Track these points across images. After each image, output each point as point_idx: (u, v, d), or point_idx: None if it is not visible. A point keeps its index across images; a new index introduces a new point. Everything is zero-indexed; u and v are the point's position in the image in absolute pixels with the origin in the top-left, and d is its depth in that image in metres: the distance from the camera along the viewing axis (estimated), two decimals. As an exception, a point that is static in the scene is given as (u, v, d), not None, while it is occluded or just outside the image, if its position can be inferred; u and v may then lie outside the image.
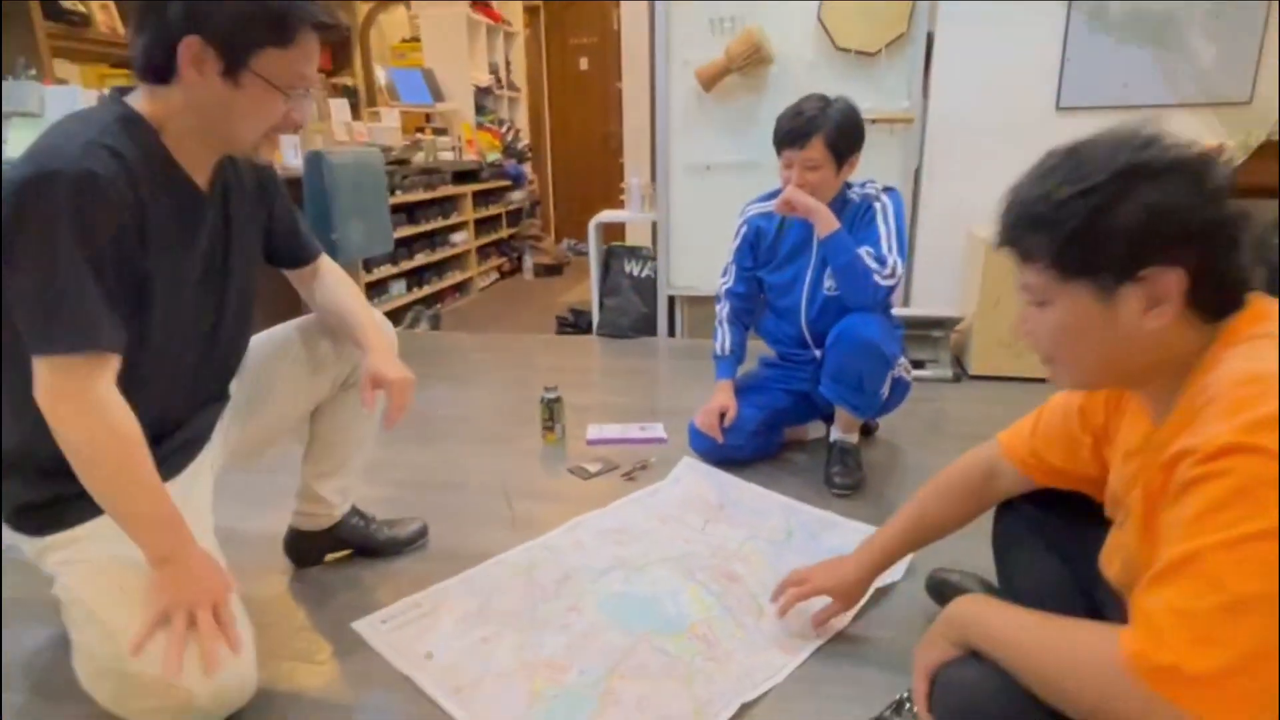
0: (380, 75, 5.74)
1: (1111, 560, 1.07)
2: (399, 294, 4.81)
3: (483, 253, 6.03)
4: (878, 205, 2.16)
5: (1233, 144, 2.67)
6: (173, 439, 1.40)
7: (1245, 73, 3.09)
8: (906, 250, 2.28)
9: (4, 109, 3.18)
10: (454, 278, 5.50)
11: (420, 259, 5.02)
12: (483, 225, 5.99)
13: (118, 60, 4.66)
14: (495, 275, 6.28)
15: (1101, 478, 1.15)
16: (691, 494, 2.16)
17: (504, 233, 6.44)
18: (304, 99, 1.27)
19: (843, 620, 1.59)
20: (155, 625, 1.21)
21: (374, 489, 2.10)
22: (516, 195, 6.60)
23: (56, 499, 1.26)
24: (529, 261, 6.49)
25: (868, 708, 1.35)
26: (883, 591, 1.68)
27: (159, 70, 1.19)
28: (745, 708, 1.38)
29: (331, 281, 1.61)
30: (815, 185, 2.10)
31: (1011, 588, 1.40)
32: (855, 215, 2.17)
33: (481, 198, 5.92)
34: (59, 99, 3.26)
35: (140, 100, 1.24)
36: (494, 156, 6.11)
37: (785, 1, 3.41)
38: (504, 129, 6.46)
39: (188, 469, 1.42)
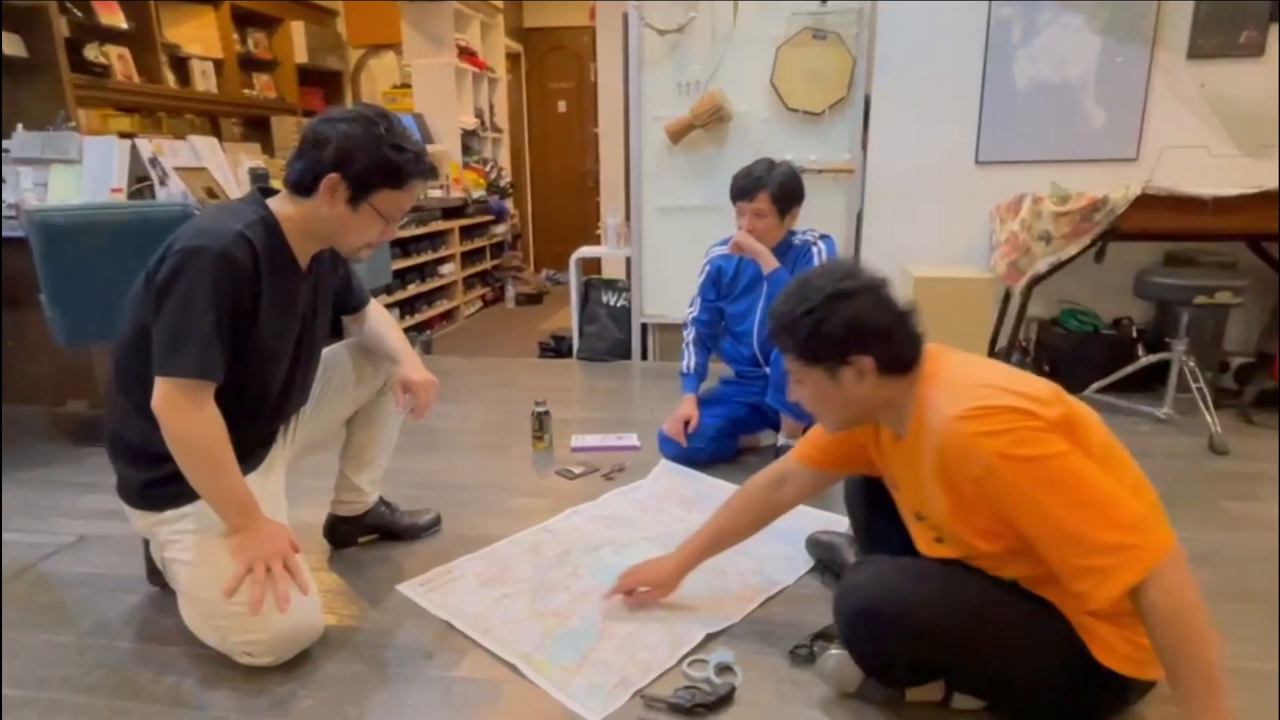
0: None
1: (906, 506, 1.51)
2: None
3: (468, 283, 6.37)
4: (815, 249, 2.58)
5: (1116, 195, 3.11)
6: (260, 438, 1.77)
7: (1131, 135, 3.58)
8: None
9: (46, 156, 3.51)
10: (442, 306, 5.84)
11: (413, 289, 5.36)
12: (468, 257, 6.34)
13: (128, 105, 5.01)
14: (479, 304, 6.61)
15: (862, 461, 1.61)
16: (669, 489, 2.57)
17: (488, 264, 6.80)
18: (397, 224, 1.67)
19: (778, 583, 1.99)
20: (242, 575, 1.57)
21: (391, 490, 2.44)
22: (499, 229, 6.96)
23: (170, 480, 1.62)
24: (511, 291, 6.83)
25: (795, 639, 1.73)
26: (817, 567, 2.08)
27: (304, 188, 1.57)
28: (709, 637, 1.76)
29: (375, 314, 1.99)
30: (762, 231, 2.53)
31: (857, 523, 1.84)
32: (797, 256, 2.60)
33: (467, 232, 6.29)
34: (95, 148, 3.60)
35: (280, 201, 1.62)
36: (479, 194, 6.48)
37: (742, 68, 3.85)
38: (488, 168, 6.84)
39: (265, 461, 1.79)
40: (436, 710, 1.56)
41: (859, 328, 1.32)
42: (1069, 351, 3.63)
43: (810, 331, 1.33)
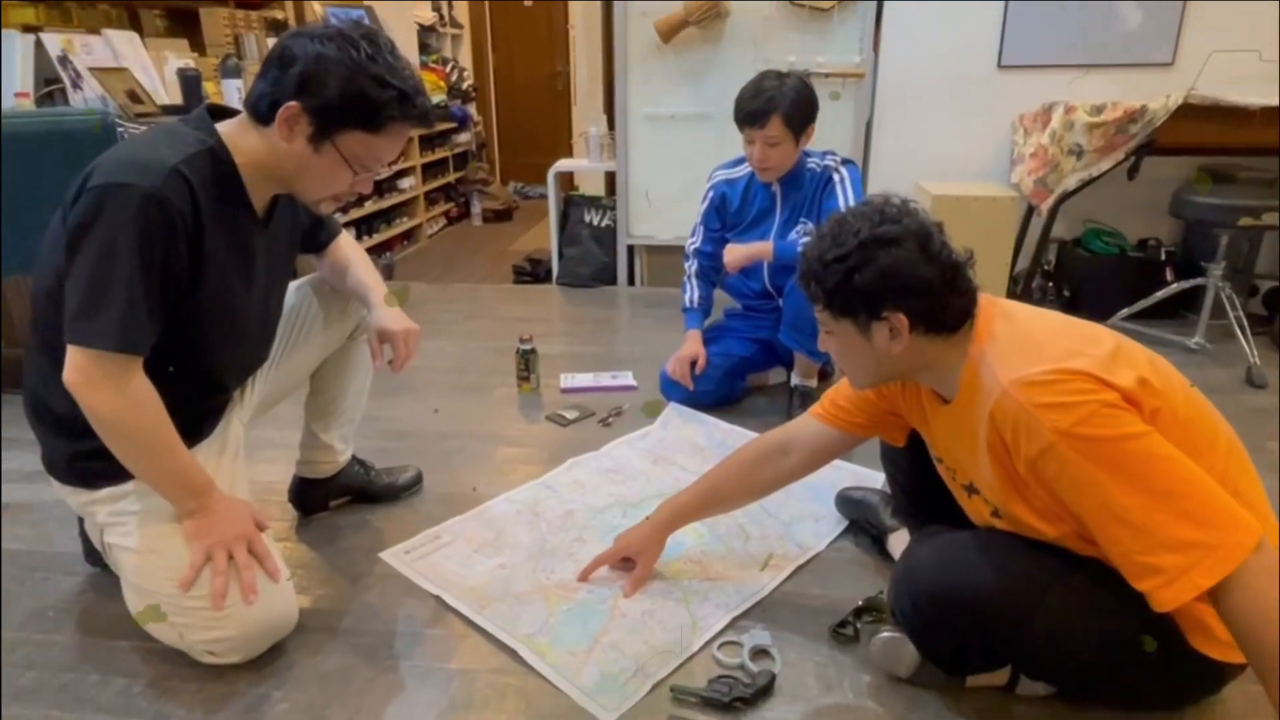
0: (317, 9, 5.65)
1: (952, 478, 1.42)
2: (350, 242, 4.83)
3: (430, 198, 6.04)
4: (836, 178, 2.37)
5: (1155, 105, 2.93)
6: (211, 406, 1.57)
7: (1168, 37, 3.36)
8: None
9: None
10: (402, 225, 5.53)
11: (370, 206, 5.05)
12: (429, 170, 6.00)
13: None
14: (443, 222, 6.30)
15: (893, 424, 1.53)
16: (680, 437, 2.40)
17: (450, 177, 6.46)
18: (371, 176, 1.42)
19: (809, 549, 1.85)
20: (199, 564, 1.39)
21: (363, 441, 2.24)
22: (462, 138, 6.59)
23: (105, 452, 1.40)
24: (477, 207, 6.51)
25: (834, 615, 1.61)
26: (850, 528, 1.94)
27: (261, 115, 1.33)
28: (734, 620, 1.62)
29: (345, 246, 1.76)
30: (776, 160, 2.33)
31: (898, 487, 1.73)
32: (815, 186, 2.39)
33: (427, 141, 5.93)
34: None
35: (235, 127, 1.37)
36: (439, 98, 6.09)
37: (742, -46, 3.54)
38: (448, 69, 6.43)
39: (218, 427, 1.58)
40: (432, 710, 1.41)
41: (895, 280, 1.19)
42: (1092, 276, 3.50)
43: (840, 280, 1.21)
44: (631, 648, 1.53)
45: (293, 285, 1.78)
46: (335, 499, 2.02)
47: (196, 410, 1.54)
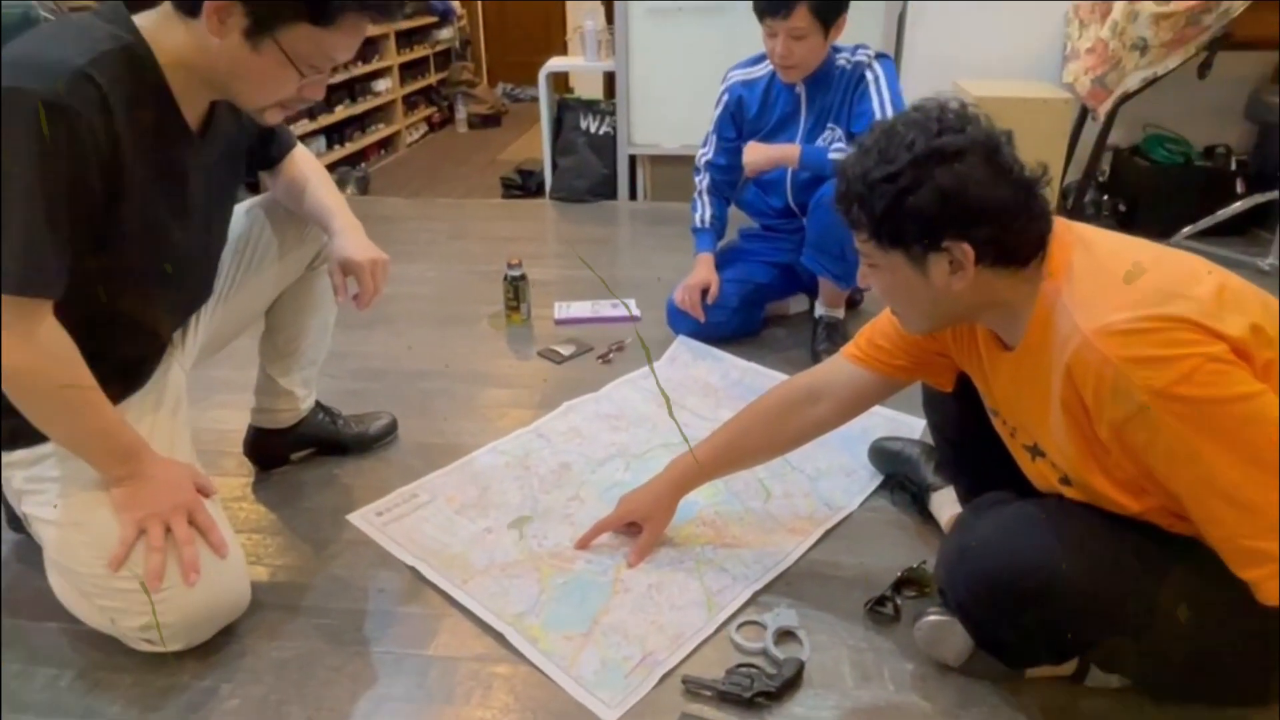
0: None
1: (1013, 436, 1.28)
2: (319, 153, 4.63)
3: (409, 102, 5.79)
4: (870, 76, 2.15)
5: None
6: (143, 353, 1.41)
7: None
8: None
9: None
10: (379, 132, 5.30)
11: (341, 112, 4.81)
12: (408, 70, 5.72)
13: None
14: (424, 128, 6.07)
15: (941, 370, 1.39)
16: (690, 376, 2.25)
17: (432, 78, 6.18)
18: (323, 79, 1.24)
19: (840, 509, 1.71)
20: (130, 540, 1.25)
21: (331, 381, 2.10)
22: (444, 34, 6.30)
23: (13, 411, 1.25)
24: (462, 111, 6.26)
25: (870, 589, 1.48)
26: (886, 483, 1.80)
27: (185, 4, 1.15)
28: (755, 595, 1.49)
29: (301, 163, 1.58)
30: (802, 55, 2.11)
31: (942, 438, 1.59)
32: (845, 86, 2.18)
33: (405, 38, 5.64)
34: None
35: (156, 20, 1.18)
36: (416, -12, 5.79)
37: None
38: (426, -46, 6.09)
39: (154, 376, 1.42)
40: (405, 707, 1.28)
41: (958, 202, 1.05)
42: (1153, 187, 3.31)
43: (891, 204, 1.07)
44: (636, 629, 1.40)
45: (240, 208, 1.61)
46: (297, 451, 1.88)
47: (125, 358, 1.38)
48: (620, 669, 1.33)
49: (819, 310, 2.37)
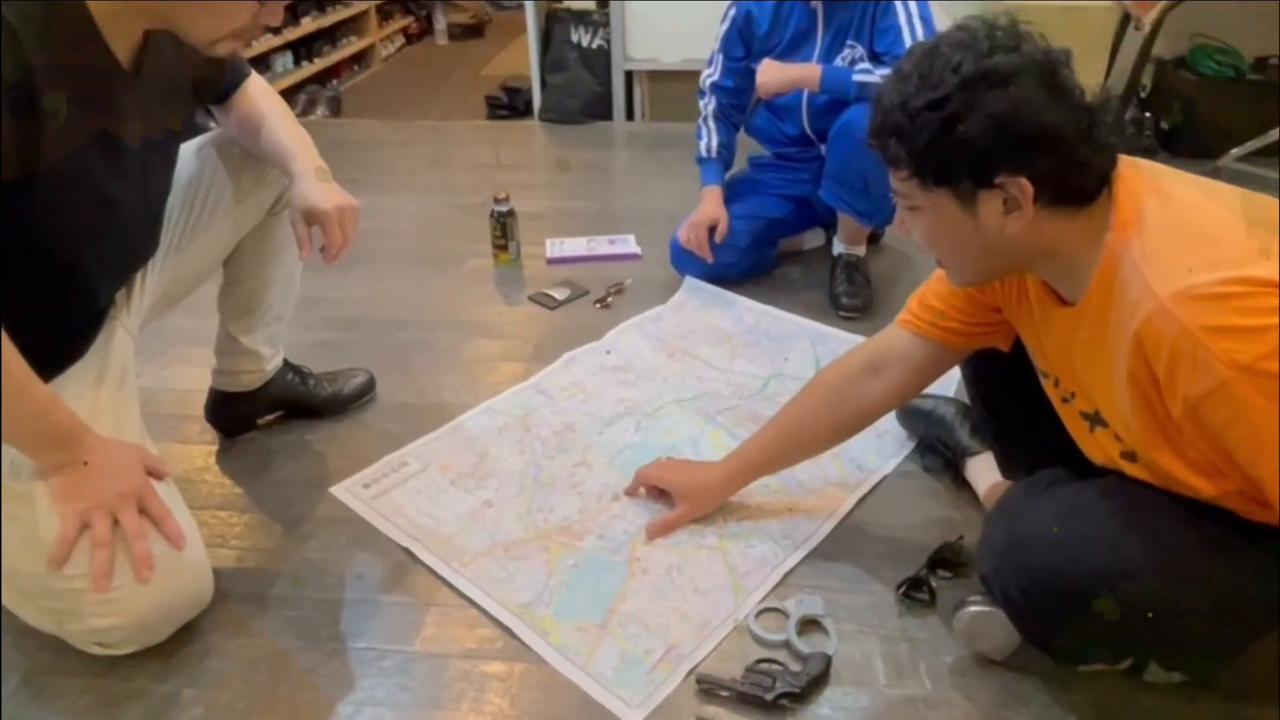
0: None
1: (1068, 403, 1.18)
2: (286, 70, 4.45)
3: (383, 12, 5.58)
4: None
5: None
6: (80, 319, 1.30)
7: None
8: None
9: None
10: (351, 46, 5.09)
11: (309, 24, 4.59)
12: (381, -25, 5.49)
13: None
14: (401, 40, 5.87)
15: (996, 329, 1.29)
16: (699, 322, 2.14)
17: (408, -16, 5.95)
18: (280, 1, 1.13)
19: (870, 473, 1.63)
20: (73, 535, 1.15)
21: (300, 332, 1.98)
22: (419, -66, 6.03)
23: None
24: (441, 21, 6.06)
25: (901, 566, 1.40)
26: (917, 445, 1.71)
27: None
28: (785, 574, 1.41)
29: (256, 96, 1.45)
30: None
31: (978, 398, 1.50)
32: (864, 7, 2.02)
33: (377, -61, 5.38)
34: None
35: None
36: (387, -117, 5.50)
37: None
38: None
39: (96, 344, 1.31)
40: (388, 714, 1.20)
41: (1015, 131, 0.96)
42: (1201, 104, 3.17)
43: (936, 135, 0.98)
44: (657, 618, 1.33)
45: (189, 148, 1.48)
46: (266, 415, 1.77)
47: (60, 326, 1.27)
48: (642, 664, 1.25)
49: (838, 248, 2.25)
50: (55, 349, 1.24)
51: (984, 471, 1.53)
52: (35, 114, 1.03)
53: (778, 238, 2.36)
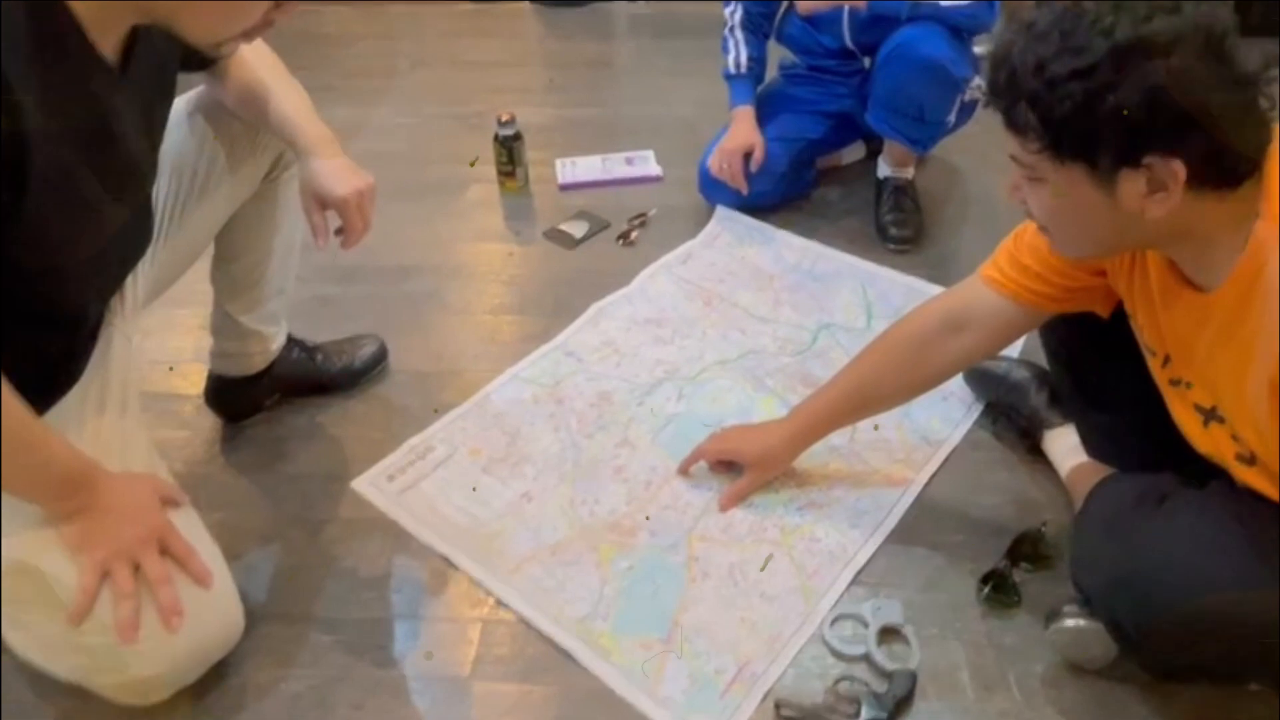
0: None
1: (1181, 392, 1.13)
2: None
3: None
4: None
5: None
6: (74, 341, 1.23)
7: None
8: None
9: None
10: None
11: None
12: None
13: None
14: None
15: (1096, 297, 1.23)
16: (735, 259, 2.05)
17: None
18: None
19: (938, 443, 1.59)
20: (94, 587, 1.11)
21: (296, 287, 1.83)
22: None
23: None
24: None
25: (978, 557, 1.38)
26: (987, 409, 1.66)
27: None
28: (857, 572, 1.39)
29: (250, 65, 1.34)
30: None
31: (1060, 364, 1.47)
32: None
33: None
34: None
35: None
36: None
37: None
38: None
39: (92, 361, 1.24)
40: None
41: (1174, 109, 0.87)
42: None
43: (1079, 107, 0.89)
44: (725, 631, 1.30)
45: (180, 114, 1.37)
46: (272, 397, 1.71)
47: (54, 350, 1.19)
48: (714, 686, 1.23)
49: (883, 170, 2.14)
50: (50, 375, 1.17)
51: (1066, 448, 1.48)
52: (21, 133, 0.94)
53: (815, 158, 2.25)
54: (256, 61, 1.34)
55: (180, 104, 1.38)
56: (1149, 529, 1.10)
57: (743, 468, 1.50)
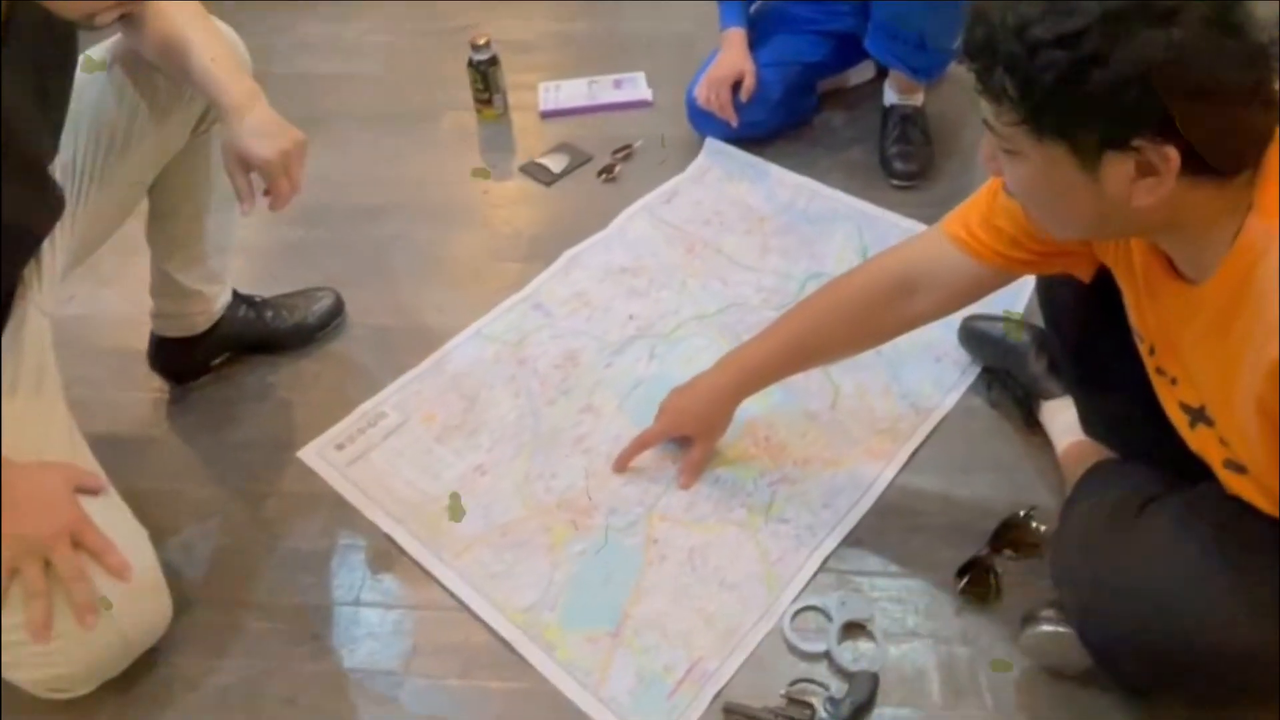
0: None
1: (1170, 387, 1.07)
2: None
3: None
4: None
5: None
6: None
7: None
8: None
9: None
10: None
11: None
12: None
13: None
14: None
15: (1075, 263, 1.16)
16: (723, 198, 1.96)
17: None
18: None
19: (928, 411, 1.52)
20: (3, 584, 1.11)
21: (257, 232, 1.84)
22: None
23: None
24: None
25: (961, 541, 1.32)
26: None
27: None
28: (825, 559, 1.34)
29: (168, 13, 1.27)
30: None
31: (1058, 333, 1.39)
32: None
33: None
34: None
35: None
36: None
37: None
38: None
39: (3, 338, 1.22)
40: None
41: (1172, 87, 0.79)
42: None
43: (1063, 78, 0.81)
44: (678, 623, 1.27)
45: (96, 65, 1.33)
46: (219, 356, 1.67)
47: None
48: (662, 684, 1.20)
49: (890, 97, 2.01)
50: None
51: (1062, 422, 1.41)
52: None
53: (816, 81, 2.12)
54: (175, 9, 1.26)
55: (95, 55, 1.32)
56: (1121, 544, 1.05)
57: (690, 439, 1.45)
